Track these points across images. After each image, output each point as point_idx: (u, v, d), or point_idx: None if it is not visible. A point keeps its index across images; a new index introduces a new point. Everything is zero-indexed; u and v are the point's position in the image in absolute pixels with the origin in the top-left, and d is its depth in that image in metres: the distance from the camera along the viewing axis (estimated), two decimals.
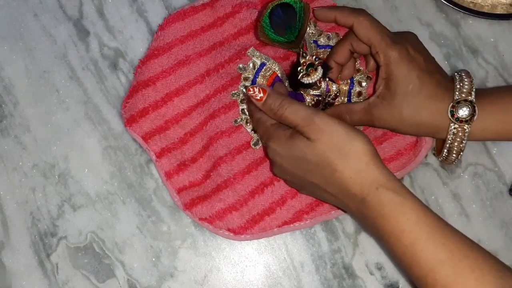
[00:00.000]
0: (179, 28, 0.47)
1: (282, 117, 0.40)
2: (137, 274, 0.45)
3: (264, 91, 0.41)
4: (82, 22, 0.49)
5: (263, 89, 0.41)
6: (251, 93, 0.41)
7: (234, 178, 0.45)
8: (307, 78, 0.43)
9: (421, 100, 0.41)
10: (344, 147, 0.38)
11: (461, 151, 0.42)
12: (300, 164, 0.39)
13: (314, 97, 0.46)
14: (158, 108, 0.46)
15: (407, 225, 0.36)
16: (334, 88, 0.47)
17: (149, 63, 0.46)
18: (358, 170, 0.37)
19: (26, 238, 0.45)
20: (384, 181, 0.37)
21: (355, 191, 0.37)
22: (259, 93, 0.41)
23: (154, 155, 0.45)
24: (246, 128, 0.46)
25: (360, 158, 0.38)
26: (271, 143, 0.41)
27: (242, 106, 0.46)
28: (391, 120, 0.42)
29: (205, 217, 0.44)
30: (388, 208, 0.37)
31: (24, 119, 0.47)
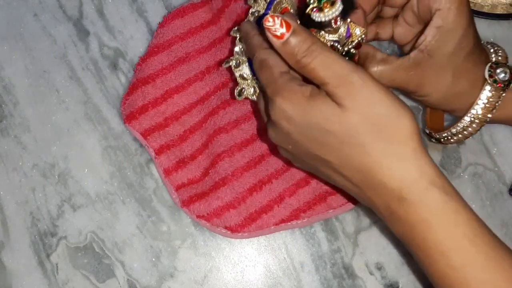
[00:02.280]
0: (178, 25, 0.47)
1: (307, 68, 0.30)
2: (137, 274, 0.45)
3: (288, 26, 0.30)
4: (82, 22, 0.49)
5: (286, 22, 0.30)
6: (269, 24, 0.30)
7: (232, 175, 0.45)
8: (318, 13, 0.33)
9: (464, 63, 0.35)
10: (387, 125, 0.28)
11: (483, 125, 0.36)
12: (315, 135, 0.30)
13: (328, 43, 0.35)
14: (157, 105, 0.46)
15: (462, 243, 0.29)
16: (357, 33, 0.35)
17: (149, 60, 0.46)
18: (401, 159, 0.29)
19: (26, 238, 0.45)
20: (434, 178, 0.29)
21: (391, 186, 0.29)
22: (280, 26, 0.30)
23: (153, 152, 0.45)
24: (234, 72, 0.39)
25: (405, 143, 0.29)
26: (279, 100, 0.31)
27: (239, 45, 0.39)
28: (431, 84, 0.35)
29: (202, 214, 0.44)
30: (437, 217, 0.29)
31: (24, 119, 0.47)
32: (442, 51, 0.34)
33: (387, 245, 0.46)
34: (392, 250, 0.46)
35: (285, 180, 0.45)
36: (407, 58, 0.35)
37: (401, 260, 0.46)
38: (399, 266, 0.45)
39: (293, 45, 0.30)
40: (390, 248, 0.46)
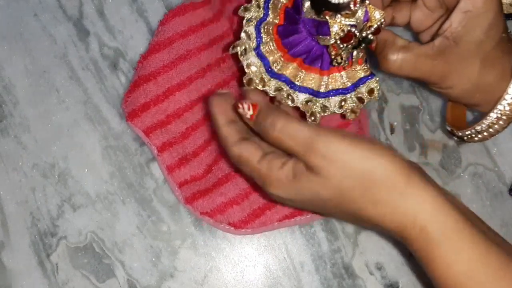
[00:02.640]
0: (179, 22, 0.47)
1: (275, 140, 0.31)
2: (137, 274, 0.45)
3: (254, 107, 0.32)
4: (82, 22, 0.49)
5: (253, 104, 0.32)
6: (240, 110, 0.33)
7: (236, 172, 0.45)
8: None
9: (493, 52, 0.32)
10: (365, 176, 0.28)
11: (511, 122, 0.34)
12: (316, 204, 0.32)
13: (345, 28, 0.32)
14: (159, 102, 0.46)
15: (461, 278, 0.29)
16: (377, 16, 0.33)
17: (150, 58, 0.46)
18: (392, 205, 0.28)
19: (26, 238, 0.45)
20: (428, 217, 0.28)
21: (391, 229, 0.30)
22: (248, 110, 0.32)
23: (156, 149, 0.45)
24: (241, 60, 0.38)
25: (391, 187, 0.28)
26: (270, 190, 0.32)
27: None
28: (456, 74, 0.33)
29: (206, 211, 0.44)
30: (437, 254, 0.29)
31: (24, 119, 0.47)
32: (469, 38, 0.31)
33: (387, 245, 0.46)
34: (392, 250, 0.46)
35: None
36: (431, 46, 0.32)
37: (401, 260, 0.46)
38: (399, 266, 0.45)
39: (259, 122, 0.32)
40: (390, 248, 0.46)
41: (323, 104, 0.37)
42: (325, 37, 0.34)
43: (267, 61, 0.37)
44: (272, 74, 0.37)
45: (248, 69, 0.37)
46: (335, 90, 0.38)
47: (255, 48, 0.37)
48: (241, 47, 0.37)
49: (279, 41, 0.37)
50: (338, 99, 0.37)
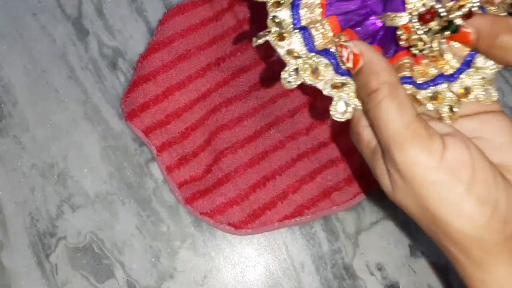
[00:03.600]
0: (179, 22, 0.47)
1: (371, 118, 0.26)
2: (136, 274, 0.45)
3: (355, 59, 0.26)
4: (81, 21, 0.49)
5: (355, 54, 0.26)
6: (337, 51, 0.26)
7: (236, 172, 0.45)
8: None
9: None
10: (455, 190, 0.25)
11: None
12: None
13: (428, 2, 0.26)
14: (159, 102, 0.46)
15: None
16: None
17: (149, 58, 0.46)
18: (478, 225, 0.25)
19: (25, 239, 0.45)
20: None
21: (471, 251, 0.26)
22: (347, 60, 0.26)
23: (155, 149, 0.45)
24: (276, 48, 0.27)
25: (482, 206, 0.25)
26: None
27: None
28: None
29: (206, 211, 0.44)
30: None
31: (23, 118, 0.47)
32: None
33: (388, 246, 0.46)
34: (393, 251, 0.46)
35: (288, 176, 0.45)
36: None
37: (401, 260, 0.45)
38: (399, 267, 0.45)
39: (361, 80, 0.26)
40: (391, 248, 0.46)
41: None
42: (396, 14, 0.27)
43: (331, 53, 0.28)
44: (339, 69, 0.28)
45: (289, 58, 0.27)
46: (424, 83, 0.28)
47: (302, 29, 0.27)
48: (273, 34, 0.27)
49: (334, 20, 0.28)
50: (429, 91, 0.28)
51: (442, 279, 0.45)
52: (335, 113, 0.28)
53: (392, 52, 0.28)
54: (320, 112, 0.47)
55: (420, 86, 0.28)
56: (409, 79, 0.27)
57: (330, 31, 0.28)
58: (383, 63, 0.25)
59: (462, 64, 0.28)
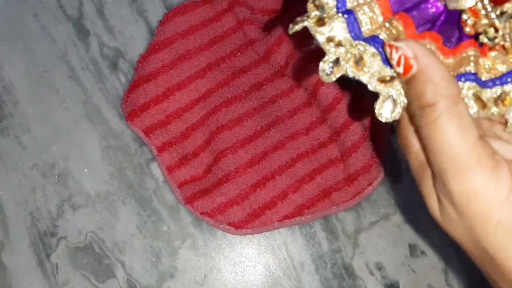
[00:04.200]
0: (179, 22, 0.47)
1: (423, 136, 0.22)
2: (137, 274, 0.45)
3: (407, 65, 0.21)
4: (82, 22, 0.49)
5: (406, 58, 0.21)
6: (387, 52, 0.22)
7: (236, 172, 0.45)
8: None
9: None
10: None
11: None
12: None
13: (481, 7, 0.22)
14: (159, 102, 0.46)
15: None
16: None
17: (150, 58, 0.46)
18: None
19: (26, 238, 0.45)
20: None
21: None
22: (397, 64, 0.22)
23: (156, 149, 0.45)
24: (314, 35, 0.23)
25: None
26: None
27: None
28: None
29: (206, 211, 0.44)
30: None
31: (24, 119, 0.47)
32: None
33: (387, 245, 0.46)
34: (392, 250, 0.46)
35: (288, 176, 0.45)
36: None
37: (401, 260, 0.46)
38: (399, 266, 0.45)
39: (415, 88, 0.22)
40: (390, 248, 0.46)
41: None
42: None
43: (379, 41, 0.23)
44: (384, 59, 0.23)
45: (329, 47, 0.23)
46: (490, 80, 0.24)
47: (348, 13, 0.23)
48: (313, 18, 0.23)
49: (385, 2, 0.24)
50: (494, 91, 0.24)
51: (442, 279, 0.45)
52: (382, 113, 0.23)
53: (454, 41, 0.24)
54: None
55: (485, 84, 0.23)
56: (473, 75, 0.23)
57: (380, 15, 0.24)
58: (443, 71, 0.21)
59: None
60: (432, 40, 0.23)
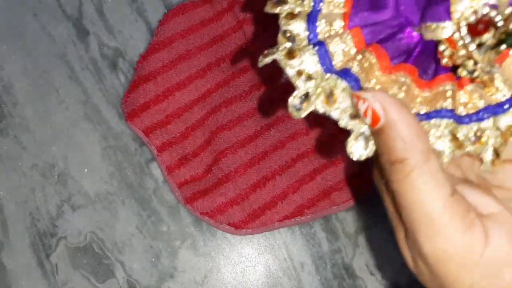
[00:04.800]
0: (179, 22, 0.47)
1: (393, 191, 0.21)
2: (136, 274, 0.45)
3: (375, 118, 0.20)
4: (82, 21, 0.49)
5: (373, 111, 0.20)
6: (355, 104, 0.21)
7: (236, 172, 0.45)
8: None
9: None
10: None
11: None
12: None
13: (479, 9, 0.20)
14: (159, 102, 0.46)
15: None
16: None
17: (149, 58, 0.46)
18: None
19: (26, 238, 0.45)
20: None
21: None
22: (364, 115, 0.20)
23: (156, 149, 0.45)
24: (284, 68, 0.22)
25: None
26: None
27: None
28: None
29: (206, 211, 0.44)
30: None
31: (23, 119, 0.47)
32: None
33: (388, 245, 0.46)
34: (393, 250, 0.46)
35: (288, 176, 0.45)
36: None
37: (401, 260, 0.45)
38: (399, 267, 0.45)
39: (384, 143, 0.20)
40: (391, 248, 0.46)
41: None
42: (438, 24, 0.21)
43: (351, 75, 0.22)
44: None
45: (299, 81, 0.22)
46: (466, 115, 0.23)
47: (318, 44, 0.22)
48: (282, 51, 0.22)
49: (358, 32, 0.23)
50: (470, 128, 0.22)
51: None
52: (353, 151, 0.22)
53: (431, 73, 0.23)
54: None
55: (462, 119, 0.22)
56: (450, 112, 0.22)
57: (353, 46, 0.22)
58: (413, 125, 0.20)
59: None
60: (407, 72, 0.22)
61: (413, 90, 0.22)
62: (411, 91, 0.22)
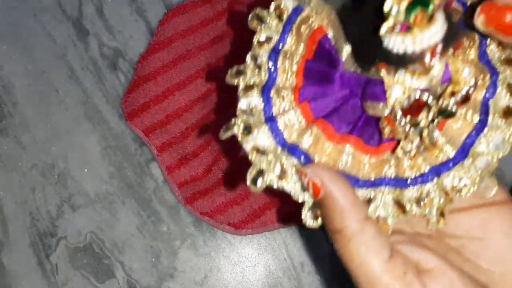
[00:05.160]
0: (179, 22, 0.47)
1: (339, 257, 0.23)
2: (136, 274, 0.45)
3: (316, 190, 0.22)
4: (82, 21, 0.49)
5: (314, 185, 0.22)
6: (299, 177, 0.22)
7: None
8: (401, 37, 0.19)
9: None
10: None
11: None
12: None
13: (412, 93, 0.21)
14: (159, 102, 0.46)
15: None
16: (465, 75, 0.22)
17: (149, 58, 0.46)
18: None
19: (26, 238, 0.45)
20: None
21: None
22: (307, 188, 0.22)
23: (156, 149, 0.45)
24: (242, 143, 0.23)
25: None
26: None
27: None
28: None
29: (206, 211, 0.44)
30: None
31: (23, 119, 0.47)
32: None
33: None
34: None
35: None
36: None
37: None
38: None
39: (325, 213, 0.22)
40: None
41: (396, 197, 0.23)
42: (376, 103, 0.22)
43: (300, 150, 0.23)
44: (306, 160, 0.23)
45: (255, 156, 0.23)
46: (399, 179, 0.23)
47: (269, 120, 0.23)
48: (239, 126, 0.23)
49: (306, 107, 0.24)
50: (415, 191, 0.23)
51: None
52: (307, 221, 0.23)
53: (375, 141, 0.24)
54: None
55: (406, 183, 0.23)
56: (394, 179, 0.23)
57: (303, 120, 0.23)
58: (348, 196, 0.21)
59: (459, 151, 0.23)
60: (352, 143, 0.23)
61: (359, 158, 0.23)
62: (357, 159, 0.23)
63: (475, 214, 0.24)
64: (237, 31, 0.48)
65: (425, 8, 0.19)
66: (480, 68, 0.22)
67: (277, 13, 0.24)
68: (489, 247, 0.23)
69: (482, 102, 0.23)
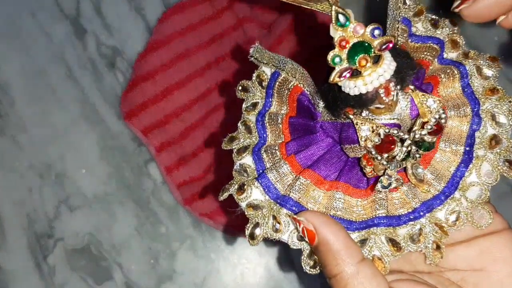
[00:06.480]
0: (178, 20, 0.47)
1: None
2: (135, 276, 0.45)
3: (311, 236, 0.22)
4: (79, 20, 0.49)
5: (309, 231, 0.22)
6: (294, 225, 0.24)
7: None
8: (353, 81, 0.21)
9: None
10: None
11: None
12: None
13: (380, 130, 0.22)
14: (157, 102, 0.45)
15: None
16: (432, 106, 0.22)
17: (148, 57, 0.46)
18: None
19: (23, 240, 0.45)
20: None
21: None
22: (303, 234, 0.23)
23: (154, 149, 0.45)
24: (238, 202, 0.25)
25: None
26: None
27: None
28: None
29: (205, 212, 0.44)
30: None
31: (20, 118, 0.47)
32: None
33: None
34: None
35: None
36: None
37: None
38: None
39: (319, 255, 0.23)
40: None
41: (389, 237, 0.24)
42: (353, 145, 0.23)
43: (291, 200, 0.24)
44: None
45: (250, 211, 0.24)
46: (394, 216, 0.24)
47: (260, 176, 0.25)
48: (234, 186, 0.25)
49: (293, 160, 0.25)
50: (408, 228, 0.24)
51: None
52: (306, 267, 0.24)
53: (364, 184, 0.25)
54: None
55: (399, 221, 0.24)
56: (385, 218, 0.24)
57: (290, 173, 0.25)
58: (343, 239, 0.22)
59: (448, 184, 0.24)
60: (341, 189, 0.24)
61: (350, 202, 0.24)
62: (348, 204, 0.24)
63: (474, 245, 0.24)
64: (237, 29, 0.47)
65: (367, 52, 0.20)
66: (462, 100, 0.24)
67: (258, 80, 0.26)
68: (489, 276, 0.24)
69: (468, 134, 0.24)
